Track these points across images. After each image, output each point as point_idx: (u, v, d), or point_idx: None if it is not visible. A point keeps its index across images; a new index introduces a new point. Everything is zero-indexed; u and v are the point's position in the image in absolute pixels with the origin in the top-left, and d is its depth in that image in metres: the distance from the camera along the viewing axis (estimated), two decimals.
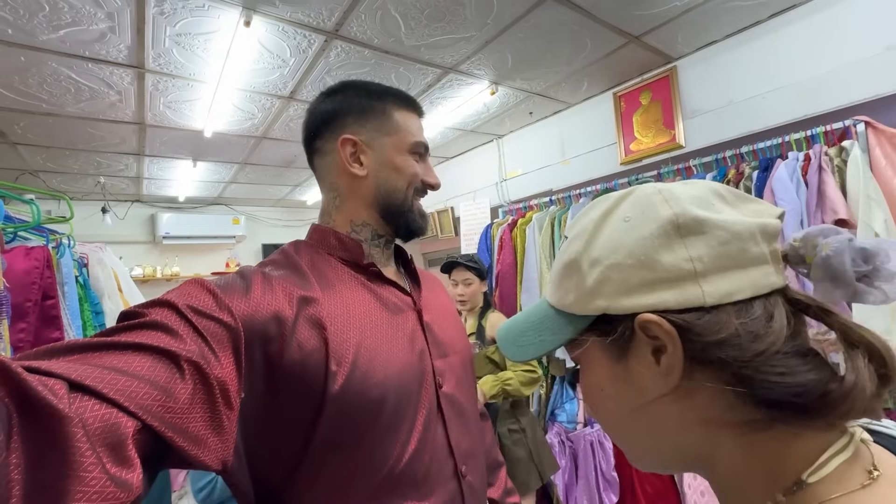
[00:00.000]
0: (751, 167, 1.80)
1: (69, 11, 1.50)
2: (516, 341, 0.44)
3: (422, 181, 0.73)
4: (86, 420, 0.32)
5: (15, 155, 2.76)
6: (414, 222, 0.73)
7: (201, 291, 0.51)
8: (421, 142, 0.73)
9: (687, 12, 1.83)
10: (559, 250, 0.42)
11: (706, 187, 0.36)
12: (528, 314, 0.44)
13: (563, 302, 0.39)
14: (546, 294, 0.43)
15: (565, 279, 0.39)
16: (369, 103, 0.71)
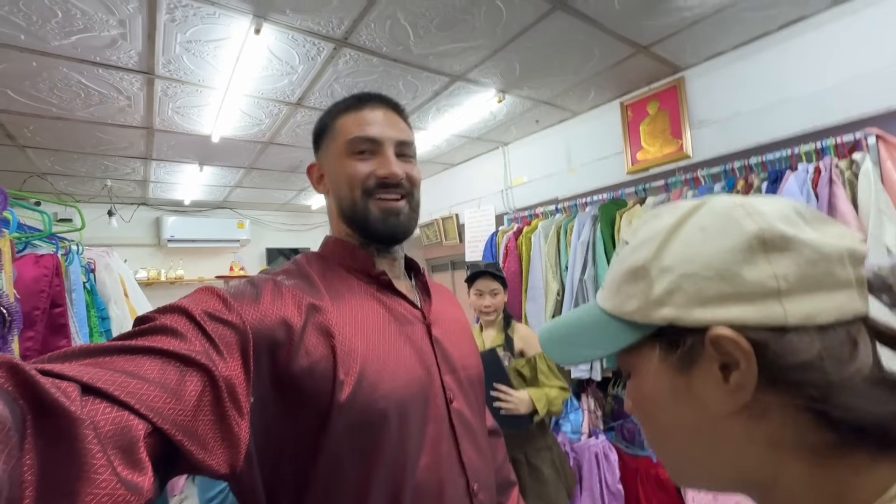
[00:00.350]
0: (760, 179, 1.79)
1: (81, 18, 1.52)
2: (563, 344, 0.43)
3: (374, 177, 0.67)
4: (97, 422, 0.32)
5: (24, 158, 2.78)
6: (369, 224, 0.68)
7: (212, 297, 0.52)
8: (357, 136, 0.67)
9: (696, 23, 1.83)
10: (617, 256, 0.40)
11: (789, 205, 0.35)
12: (577, 317, 0.43)
13: (623, 308, 0.37)
14: (600, 299, 0.42)
15: (628, 285, 0.37)
16: (321, 125, 0.73)
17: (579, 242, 2.24)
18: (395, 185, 0.68)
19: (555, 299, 2.30)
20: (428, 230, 3.91)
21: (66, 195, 3.69)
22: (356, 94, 0.72)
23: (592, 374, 2.13)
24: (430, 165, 3.67)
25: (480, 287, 1.82)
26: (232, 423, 0.43)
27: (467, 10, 1.64)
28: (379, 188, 0.67)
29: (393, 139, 0.69)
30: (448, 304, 0.81)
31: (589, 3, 1.65)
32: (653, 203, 2.10)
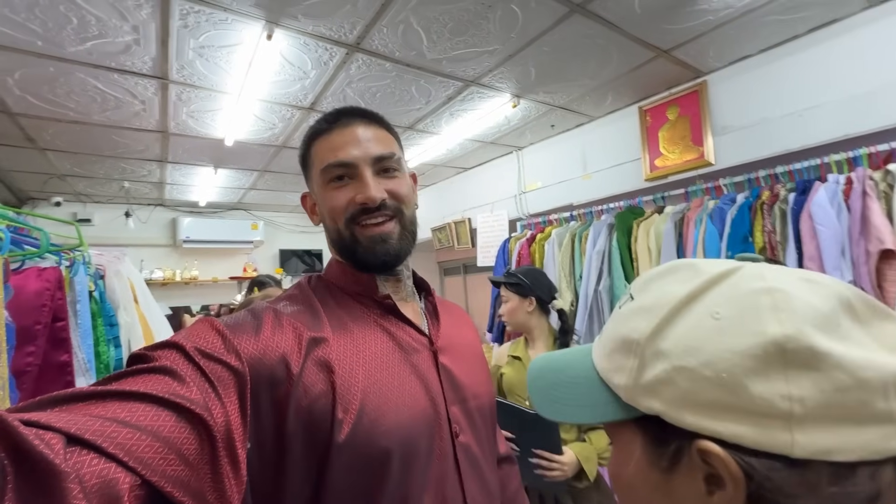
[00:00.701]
0: (786, 189, 1.71)
1: (96, 24, 1.52)
2: (548, 393, 0.39)
3: (355, 203, 0.62)
4: (83, 476, 0.31)
5: (44, 160, 2.83)
6: (357, 253, 0.64)
7: (210, 332, 0.50)
8: (330, 164, 0.63)
9: (720, 27, 1.76)
10: (619, 309, 0.36)
11: (836, 295, 0.28)
12: (569, 363, 0.39)
13: (612, 378, 0.34)
14: (595, 350, 0.38)
15: (619, 354, 0.33)
16: (301, 152, 0.70)
17: (594, 251, 2.18)
18: (377, 208, 0.62)
19: (568, 309, 2.25)
20: (440, 234, 3.88)
21: (86, 196, 3.76)
22: (327, 114, 0.68)
23: None
24: (443, 169, 3.64)
25: (502, 295, 1.68)
26: (227, 474, 0.42)
27: (482, 15, 1.60)
28: (362, 214, 0.62)
29: (368, 158, 0.63)
30: (459, 326, 0.76)
31: (608, 7, 1.60)
32: (671, 212, 2.03)
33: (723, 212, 1.81)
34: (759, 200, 1.74)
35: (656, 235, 2.01)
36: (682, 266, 0.33)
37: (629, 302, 0.35)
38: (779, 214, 1.65)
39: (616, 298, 2.03)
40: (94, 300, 1.12)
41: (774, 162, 1.86)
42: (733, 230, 1.72)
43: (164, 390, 0.40)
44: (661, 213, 2.10)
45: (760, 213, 1.71)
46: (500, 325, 2.55)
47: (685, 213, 1.97)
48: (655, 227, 2.03)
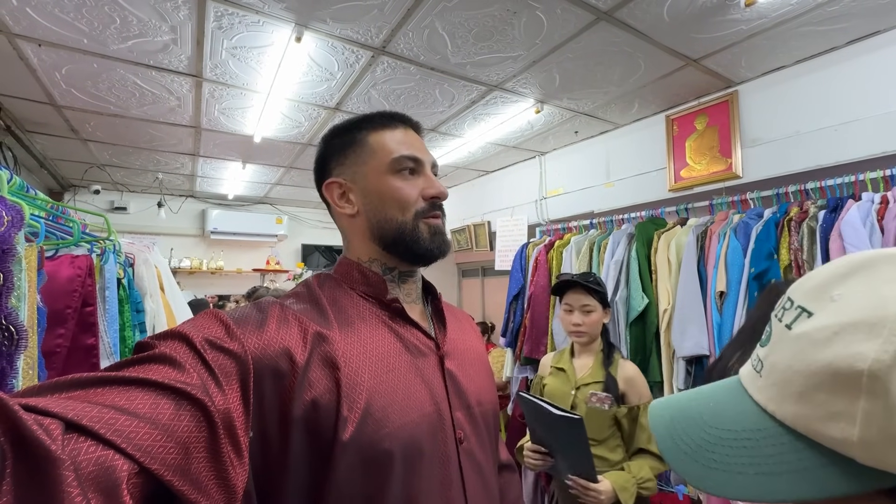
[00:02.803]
0: (817, 206, 1.65)
1: (137, 24, 1.60)
2: (703, 457, 0.28)
3: (423, 197, 0.66)
4: (79, 463, 0.31)
5: (85, 150, 2.98)
6: (419, 245, 0.65)
7: (214, 323, 0.51)
8: (404, 155, 0.65)
9: (753, 36, 1.71)
10: (783, 328, 0.26)
11: None
12: (717, 412, 0.28)
13: (821, 430, 0.24)
14: (758, 391, 0.27)
15: (828, 395, 0.23)
16: (344, 139, 0.69)
17: (612, 261, 2.15)
18: (440, 204, 0.68)
19: None
20: (459, 236, 3.89)
21: (122, 185, 3.94)
22: (383, 113, 0.70)
23: None
24: (465, 172, 3.65)
25: (570, 301, 1.47)
26: (227, 463, 0.41)
27: (507, 21, 1.60)
28: (430, 209, 0.66)
29: (430, 160, 0.69)
30: (464, 332, 0.76)
31: (636, 15, 1.58)
32: (694, 224, 1.98)
33: (748, 226, 1.76)
34: (787, 216, 1.68)
35: (677, 248, 1.96)
36: (878, 260, 0.24)
37: (805, 318, 0.26)
38: (807, 232, 1.59)
39: (632, 310, 1.99)
40: (122, 287, 1.18)
41: (805, 177, 1.80)
42: (758, 246, 1.67)
43: (162, 376, 0.40)
44: (683, 225, 2.06)
45: (787, 229, 1.65)
46: (514, 329, 2.54)
47: (708, 227, 1.92)
48: (677, 240, 1.98)
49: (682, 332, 1.80)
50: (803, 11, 1.55)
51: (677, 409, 0.32)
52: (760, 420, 0.27)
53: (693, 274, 1.85)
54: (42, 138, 2.73)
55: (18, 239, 0.52)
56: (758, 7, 1.52)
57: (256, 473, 0.51)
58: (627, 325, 2.01)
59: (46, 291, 0.78)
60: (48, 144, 2.84)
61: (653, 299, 1.97)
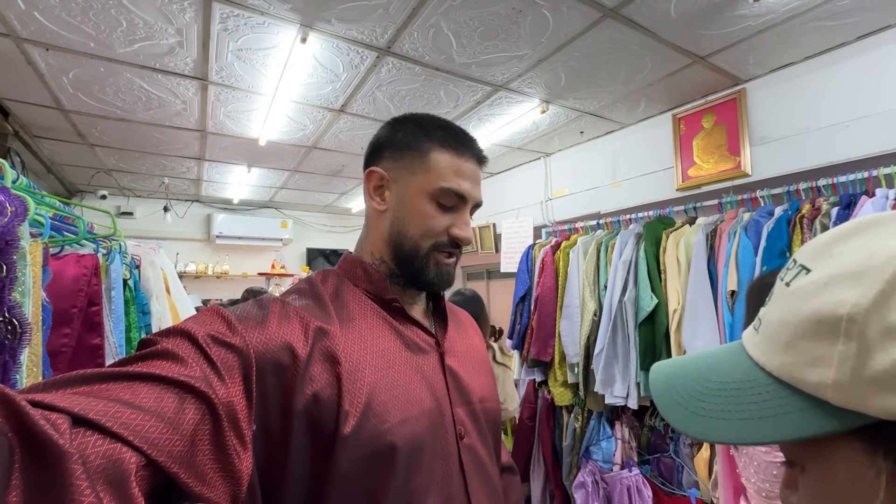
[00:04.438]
0: (829, 203, 1.62)
1: (143, 27, 1.61)
2: (690, 405, 0.30)
3: (448, 234, 0.64)
4: (87, 456, 0.31)
5: (92, 155, 3.00)
6: (425, 276, 0.65)
7: (216, 319, 0.51)
8: (451, 188, 0.63)
9: (761, 32, 1.69)
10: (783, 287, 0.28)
11: None
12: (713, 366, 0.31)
13: (802, 376, 0.26)
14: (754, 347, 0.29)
15: (812, 342, 0.25)
16: (409, 138, 0.67)
17: (620, 261, 2.12)
18: (461, 246, 0.67)
19: (591, 319, 2.20)
20: None
21: (129, 190, 3.96)
22: (458, 133, 0.67)
23: (628, 402, 2.00)
24: None
25: None
26: (232, 454, 0.42)
27: (512, 20, 1.60)
28: (448, 246, 0.65)
29: (475, 201, 0.68)
30: (465, 332, 0.77)
31: (642, 12, 1.57)
32: (703, 223, 1.96)
33: (759, 225, 1.73)
34: (799, 214, 1.66)
35: (686, 247, 1.94)
36: (883, 219, 0.26)
37: (803, 275, 0.27)
38: (820, 229, 1.56)
39: (641, 310, 1.97)
40: (128, 288, 1.17)
41: (817, 174, 1.77)
42: (769, 244, 1.64)
43: (166, 371, 0.40)
44: (692, 224, 2.03)
45: (800, 227, 1.62)
46: (521, 331, 2.52)
47: (718, 225, 1.90)
48: (686, 239, 1.96)
49: (693, 331, 1.77)
50: (812, 6, 1.54)
51: (678, 366, 0.34)
52: (751, 372, 0.28)
53: (703, 273, 1.82)
54: (49, 143, 2.75)
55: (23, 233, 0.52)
56: (766, 3, 1.51)
57: (260, 466, 0.51)
58: (637, 325, 1.98)
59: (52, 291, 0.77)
60: (55, 149, 2.86)
61: (662, 299, 1.95)
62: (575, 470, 2.27)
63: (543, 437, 2.43)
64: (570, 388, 2.32)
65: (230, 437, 0.42)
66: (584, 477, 2.16)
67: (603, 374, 2.04)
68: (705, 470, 1.82)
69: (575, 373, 2.25)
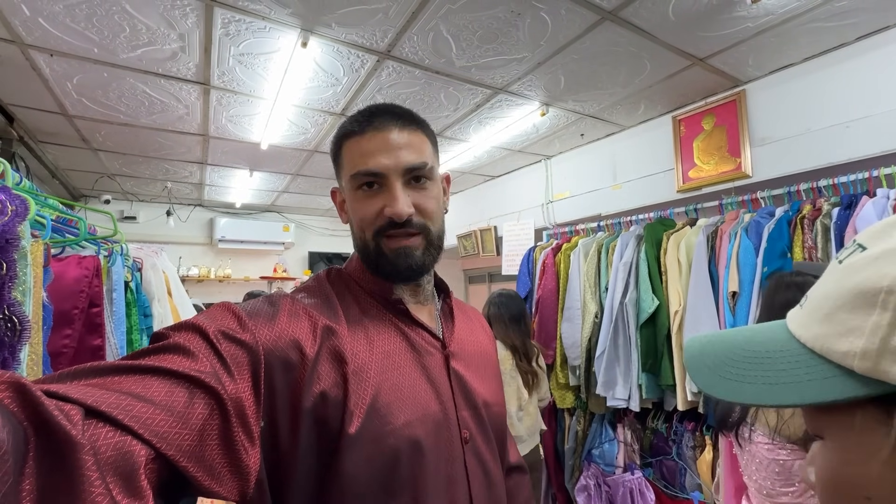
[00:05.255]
0: (830, 203, 1.62)
1: (146, 32, 1.62)
2: (720, 370, 0.32)
3: (384, 216, 0.60)
4: (98, 448, 0.32)
5: (96, 160, 3.02)
6: (385, 265, 0.62)
7: (227, 315, 0.51)
8: (358, 172, 0.60)
9: (760, 34, 1.70)
10: (837, 265, 0.29)
11: None
12: (751, 338, 0.32)
13: (833, 346, 0.26)
14: (794, 322, 0.30)
15: (849, 313, 0.26)
16: (333, 148, 0.67)
17: (621, 263, 2.12)
18: (403, 224, 0.60)
19: (592, 321, 2.19)
20: (466, 241, 3.88)
21: (132, 195, 3.98)
22: (361, 112, 0.64)
23: (630, 404, 2.00)
24: (471, 177, 3.65)
25: None
26: (240, 449, 0.42)
27: (511, 23, 1.61)
28: (389, 227, 0.61)
29: (400, 168, 0.60)
30: (474, 332, 0.75)
31: (641, 15, 1.57)
32: (704, 224, 1.96)
33: (759, 225, 1.73)
34: (800, 214, 1.66)
35: (687, 248, 1.94)
36: None
37: (858, 252, 0.27)
38: (821, 230, 1.56)
39: (642, 312, 1.96)
40: (130, 291, 1.18)
41: (817, 174, 1.77)
42: (770, 245, 1.64)
43: (177, 365, 0.41)
44: (693, 226, 2.03)
45: (800, 227, 1.62)
46: None
47: (719, 226, 1.90)
48: (686, 240, 1.96)
49: (695, 333, 1.76)
50: (811, 7, 1.54)
51: (716, 336, 0.34)
52: (786, 343, 0.30)
53: (704, 274, 1.82)
54: (54, 148, 2.77)
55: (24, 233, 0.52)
56: (764, 4, 1.51)
57: (268, 462, 0.51)
58: (638, 327, 1.98)
59: (54, 292, 0.78)
60: (60, 154, 2.89)
61: (663, 301, 1.94)
62: (577, 473, 2.26)
63: (545, 440, 2.42)
64: (572, 391, 2.31)
65: (238, 433, 0.42)
66: (586, 480, 2.15)
67: (604, 376, 2.04)
68: (708, 473, 1.81)
69: (576, 375, 2.25)
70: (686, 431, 1.95)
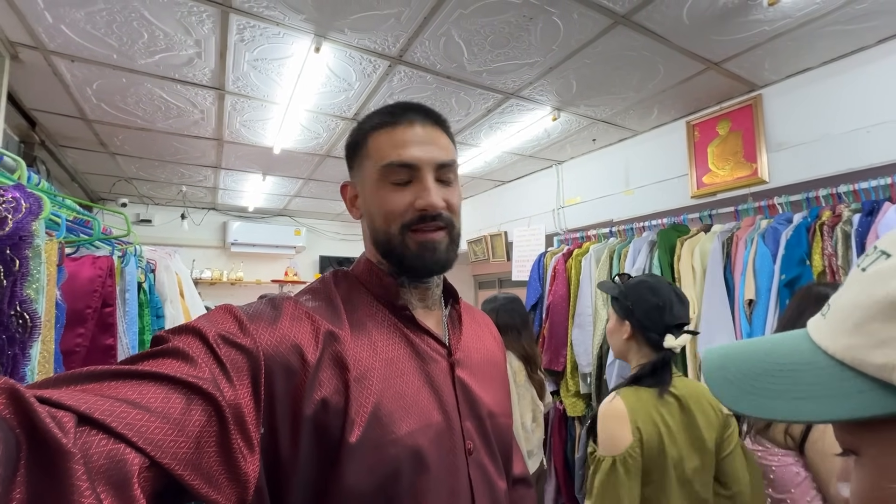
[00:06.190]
0: (850, 210, 1.58)
1: (164, 39, 1.66)
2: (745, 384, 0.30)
3: (414, 209, 0.60)
4: (90, 456, 0.31)
5: (113, 164, 3.08)
6: (408, 259, 0.61)
7: (228, 318, 0.50)
8: (392, 162, 0.60)
9: (776, 38, 1.67)
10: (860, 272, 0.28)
11: None
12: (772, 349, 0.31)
13: (866, 358, 0.25)
14: (818, 332, 0.29)
15: (881, 323, 0.25)
16: (352, 139, 0.67)
17: (633, 269, 2.09)
18: (434, 216, 0.60)
19: (604, 328, 2.16)
20: (476, 247, 3.87)
21: (148, 198, 4.06)
22: (390, 106, 0.65)
23: None
24: (482, 182, 3.64)
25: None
26: (238, 456, 0.41)
27: (523, 27, 1.60)
28: (418, 221, 0.60)
29: (432, 163, 0.61)
30: (482, 337, 0.73)
31: (654, 19, 1.56)
32: (719, 231, 1.92)
33: (777, 232, 1.70)
34: (819, 221, 1.62)
35: (701, 255, 1.90)
36: None
37: (882, 259, 0.27)
38: (841, 237, 1.52)
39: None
40: (143, 291, 1.20)
41: (837, 180, 1.73)
42: (788, 252, 1.60)
43: (174, 370, 0.40)
44: (707, 232, 2.00)
45: (820, 234, 1.58)
46: None
47: (734, 233, 1.86)
48: (701, 246, 1.92)
49: (709, 342, 1.73)
50: (830, 10, 1.51)
51: (735, 347, 0.33)
52: (812, 355, 0.28)
53: (719, 281, 1.78)
54: (73, 152, 2.84)
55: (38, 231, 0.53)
56: (781, 7, 1.49)
57: (268, 469, 0.50)
58: None
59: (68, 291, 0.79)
60: (79, 158, 2.95)
61: None
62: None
63: (555, 449, 2.38)
64: (583, 399, 2.27)
65: (236, 440, 0.41)
66: None
67: (616, 384, 2.00)
68: None
69: (587, 382, 2.21)
70: None
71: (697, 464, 0.95)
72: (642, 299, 1.07)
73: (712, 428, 0.99)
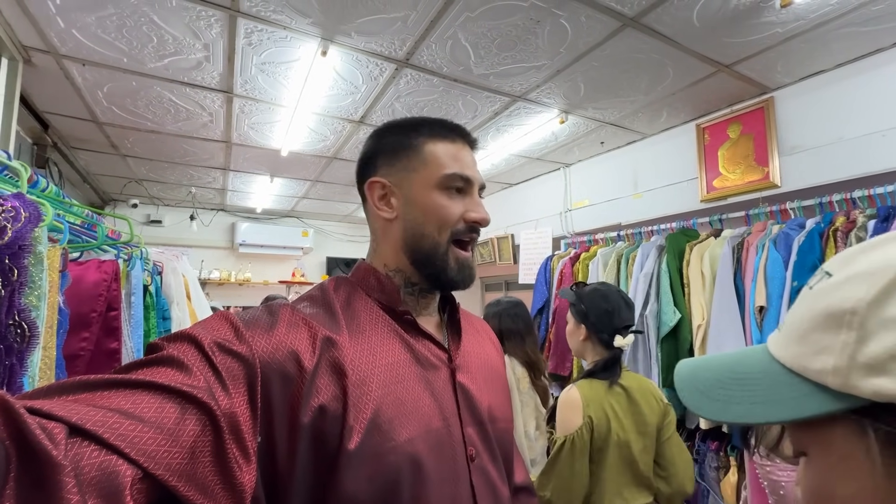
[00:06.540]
0: (865, 215, 1.54)
1: (173, 42, 1.67)
2: (710, 393, 0.34)
3: (465, 220, 0.63)
4: (82, 468, 0.31)
5: (124, 165, 3.12)
6: (447, 272, 0.63)
7: (224, 325, 0.50)
8: (455, 173, 0.63)
9: (789, 40, 1.64)
10: (808, 291, 0.31)
11: None
12: (736, 362, 0.35)
13: (808, 364, 0.29)
14: (773, 344, 0.33)
15: (821, 333, 0.28)
16: (399, 140, 0.66)
17: (642, 274, 2.06)
18: (478, 230, 0.66)
19: None
20: (482, 249, 3.85)
21: (158, 199, 4.10)
22: (444, 122, 0.68)
23: None
24: (488, 184, 3.63)
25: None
26: (234, 466, 0.41)
27: (530, 30, 1.59)
28: (467, 232, 0.64)
29: (480, 182, 0.67)
30: (482, 345, 0.73)
31: (664, 21, 1.54)
32: (730, 236, 1.89)
33: (789, 237, 1.66)
34: (833, 226, 1.58)
35: (711, 260, 1.87)
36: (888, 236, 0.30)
37: (825, 279, 0.30)
38: (855, 242, 1.48)
39: (663, 324, 1.90)
40: (149, 294, 1.20)
41: (852, 185, 1.69)
42: (800, 258, 1.57)
43: (169, 379, 0.40)
44: (717, 237, 1.96)
45: (833, 240, 1.55)
46: (539, 344, 2.47)
47: (745, 238, 1.83)
48: (711, 251, 1.89)
49: (719, 348, 1.70)
50: (845, 11, 1.48)
51: (705, 360, 0.38)
52: (768, 365, 0.32)
53: (729, 287, 1.75)
54: (85, 154, 2.88)
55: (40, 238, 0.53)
56: (794, 8, 1.46)
57: (265, 479, 0.49)
58: (658, 340, 1.92)
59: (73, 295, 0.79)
60: (90, 160, 3.00)
61: (685, 314, 1.88)
62: None
63: None
64: None
65: (231, 449, 0.41)
66: None
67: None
68: (732, 496, 1.73)
69: None
70: (710, 451, 1.87)
71: (641, 446, 1.12)
72: (595, 305, 1.22)
73: (654, 414, 1.16)
